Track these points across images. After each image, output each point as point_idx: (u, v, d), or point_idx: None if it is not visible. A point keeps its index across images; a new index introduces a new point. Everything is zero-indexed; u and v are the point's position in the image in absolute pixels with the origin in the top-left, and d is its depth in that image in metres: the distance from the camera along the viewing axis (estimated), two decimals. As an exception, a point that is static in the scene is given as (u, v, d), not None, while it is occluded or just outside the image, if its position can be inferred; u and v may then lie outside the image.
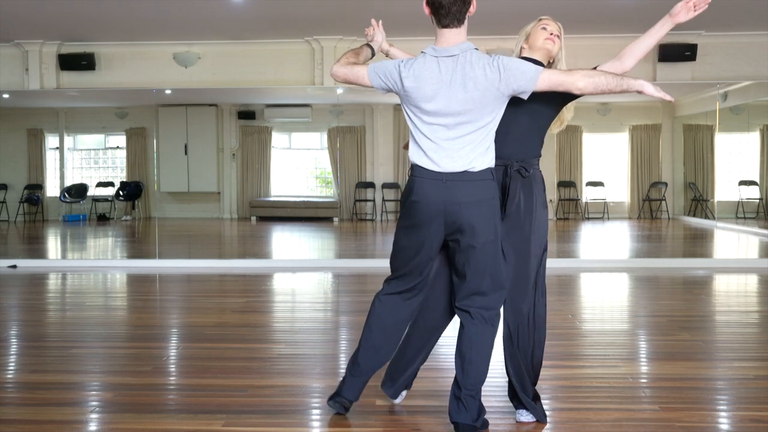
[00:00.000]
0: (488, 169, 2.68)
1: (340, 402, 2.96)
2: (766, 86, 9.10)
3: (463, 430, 2.76)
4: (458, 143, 2.64)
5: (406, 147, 2.85)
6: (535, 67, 2.63)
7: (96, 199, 13.12)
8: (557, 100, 2.78)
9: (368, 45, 3.02)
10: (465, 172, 2.64)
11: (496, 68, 2.59)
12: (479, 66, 2.60)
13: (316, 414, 3.07)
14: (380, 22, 3.08)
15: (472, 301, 2.76)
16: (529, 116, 2.77)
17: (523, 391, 2.91)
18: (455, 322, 2.93)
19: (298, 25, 8.32)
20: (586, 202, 12.95)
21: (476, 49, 2.67)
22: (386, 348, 2.93)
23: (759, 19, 7.93)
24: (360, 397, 2.99)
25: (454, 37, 2.66)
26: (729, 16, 7.84)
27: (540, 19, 2.98)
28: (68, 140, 13.48)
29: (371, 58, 3.05)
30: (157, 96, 10.34)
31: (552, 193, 12.75)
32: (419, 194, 2.68)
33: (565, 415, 3.00)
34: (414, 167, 2.72)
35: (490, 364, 2.81)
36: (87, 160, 13.73)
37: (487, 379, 2.83)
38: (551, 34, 2.91)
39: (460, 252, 2.72)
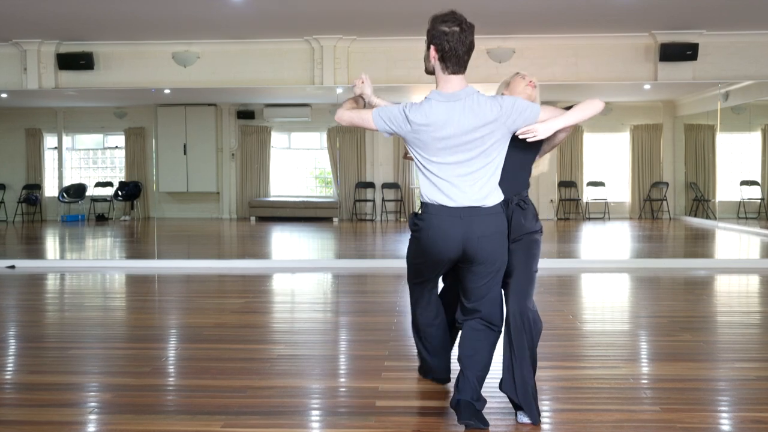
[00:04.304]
0: (499, 204, 2.87)
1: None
2: (768, 86, 9.09)
3: (463, 407, 2.83)
4: (470, 179, 2.80)
5: (406, 156, 3.00)
6: (534, 104, 2.85)
7: (95, 199, 13.10)
8: (541, 140, 2.96)
9: (360, 96, 3.17)
10: (479, 207, 2.81)
11: (501, 105, 2.78)
12: (486, 105, 2.78)
13: (315, 415, 3.06)
14: (368, 76, 3.24)
15: (475, 315, 2.94)
16: (518, 154, 2.97)
17: (524, 393, 2.92)
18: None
19: (298, 25, 8.31)
20: (587, 202, 12.93)
21: (478, 91, 2.84)
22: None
23: (760, 18, 7.91)
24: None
25: (459, 82, 2.81)
26: (730, 15, 7.82)
27: (517, 73, 3.22)
28: (67, 140, 13.45)
29: (364, 106, 3.20)
30: (155, 96, 10.33)
31: (553, 193, 12.73)
32: (437, 229, 2.83)
33: (566, 416, 2.99)
34: (427, 205, 2.87)
35: (491, 364, 2.86)
36: (85, 160, 13.72)
37: (487, 380, 2.85)
38: (530, 81, 3.14)
39: (471, 274, 2.90)
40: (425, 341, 3.29)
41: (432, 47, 2.79)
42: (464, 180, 2.80)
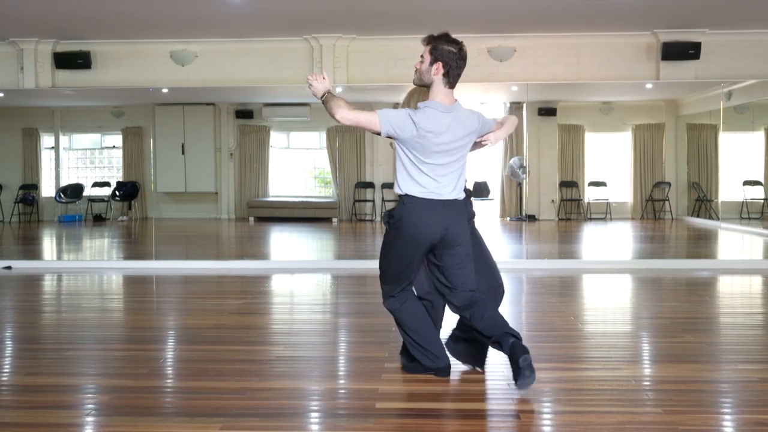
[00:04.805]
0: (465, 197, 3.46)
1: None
2: (771, 85, 9.05)
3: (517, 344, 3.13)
4: (450, 177, 3.33)
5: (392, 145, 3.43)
6: (488, 117, 3.51)
7: (92, 200, 13.05)
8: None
9: (330, 93, 3.40)
10: (456, 200, 3.35)
11: (477, 117, 3.40)
12: (470, 117, 3.37)
13: (314, 417, 3.04)
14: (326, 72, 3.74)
15: (475, 294, 3.38)
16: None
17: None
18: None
19: (297, 23, 8.27)
20: (589, 203, 12.90)
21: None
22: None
23: (764, 17, 7.89)
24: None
25: (452, 95, 3.34)
26: (733, 13, 7.80)
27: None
28: (64, 140, 13.40)
29: None
30: (153, 95, 10.29)
31: (554, 194, 12.71)
32: (419, 216, 3.29)
33: (567, 418, 2.96)
34: (409, 196, 3.30)
35: (490, 369, 2.83)
36: (83, 160, 13.66)
37: (487, 383, 2.82)
38: None
39: (456, 258, 3.37)
40: (419, 337, 3.49)
41: (439, 63, 3.25)
42: (446, 178, 3.30)
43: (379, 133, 3.30)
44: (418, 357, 3.50)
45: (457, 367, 3.65)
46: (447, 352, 3.56)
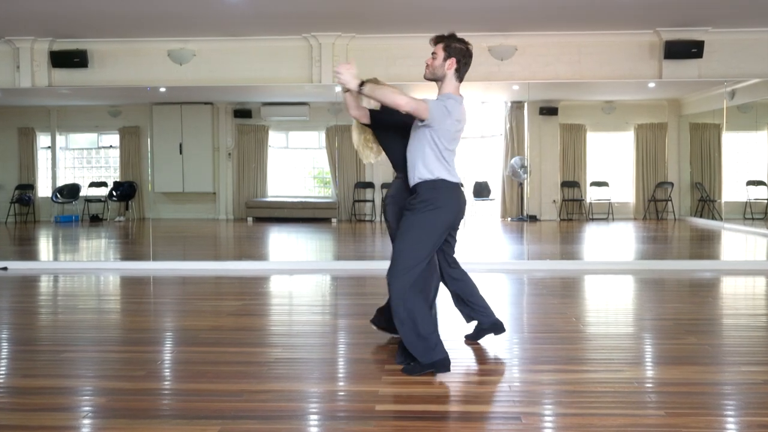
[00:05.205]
0: None
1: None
2: (775, 84, 9.02)
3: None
4: (454, 163, 3.70)
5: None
6: None
7: (89, 200, 13.00)
8: None
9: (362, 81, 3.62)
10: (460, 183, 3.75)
11: None
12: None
13: (313, 419, 3.01)
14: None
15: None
16: None
17: None
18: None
19: (296, 22, 8.25)
20: (591, 203, 12.86)
21: None
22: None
23: None
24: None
25: (459, 89, 3.66)
26: (737, 12, 7.77)
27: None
28: (60, 139, 13.36)
29: None
30: (151, 94, 10.25)
31: (556, 194, 12.68)
32: (454, 200, 3.65)
33: (569, 420, 2.94)
34: (444, 181, 3.60)
35: (491, 370, 2.91)
36: (79, 160, 13.62)
37: (488, 385, 2.86)
38: None
39: (455, 232, 4.04)
40: (424, 327, 3.55)
41: (453, 59, 3.58)
42: (454, 163, 3.68)
43: (428, 123, 3.50)
44: (417, 353, 3.50)
45: (457, 368, 3.63)
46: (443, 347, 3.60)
